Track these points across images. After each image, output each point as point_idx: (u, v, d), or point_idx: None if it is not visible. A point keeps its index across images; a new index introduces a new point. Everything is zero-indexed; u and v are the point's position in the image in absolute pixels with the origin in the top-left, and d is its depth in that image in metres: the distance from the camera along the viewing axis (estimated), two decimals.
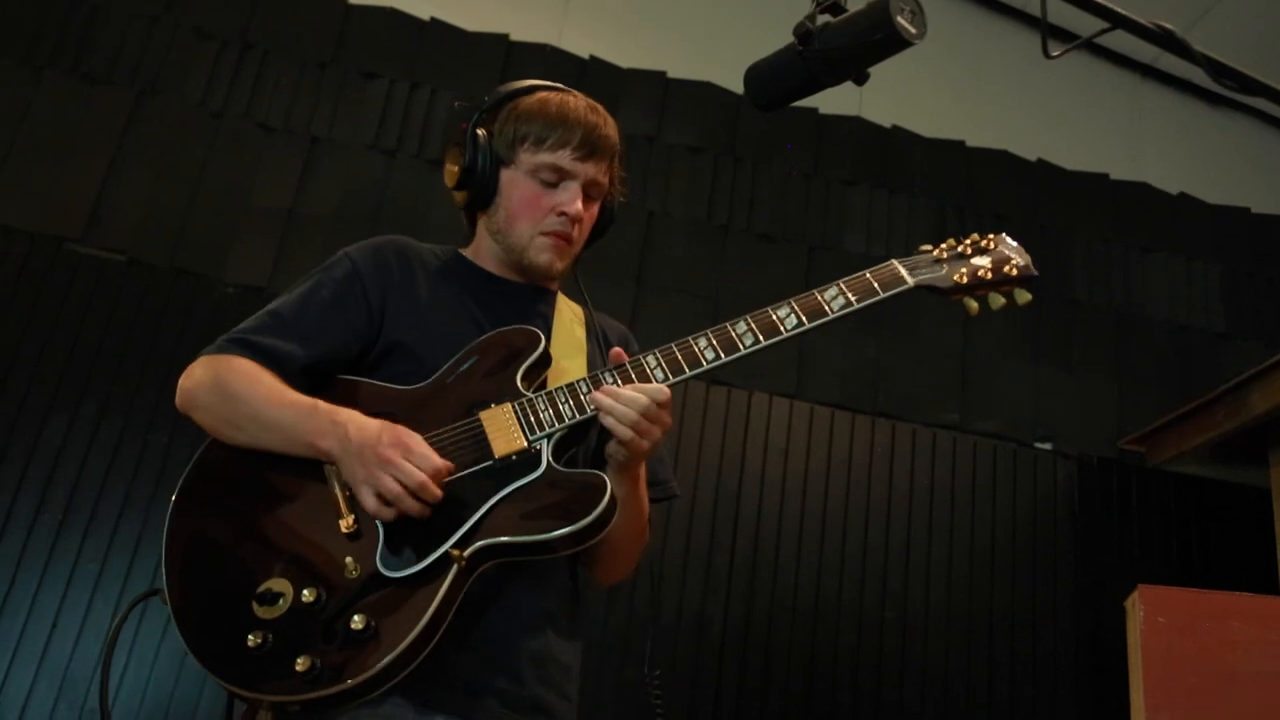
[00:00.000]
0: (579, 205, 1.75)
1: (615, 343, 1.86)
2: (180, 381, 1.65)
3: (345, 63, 4.15)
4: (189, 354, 3.57)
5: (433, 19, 4.29)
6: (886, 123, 4.66)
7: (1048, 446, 4.31)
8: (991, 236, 1.76)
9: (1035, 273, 1.71)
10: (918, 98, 4.68)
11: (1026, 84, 4.83)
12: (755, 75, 1.58)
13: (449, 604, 1.45)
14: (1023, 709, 3.88)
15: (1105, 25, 1.51)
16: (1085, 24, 1.50)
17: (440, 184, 4.09)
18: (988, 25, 5.01)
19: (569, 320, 1.86)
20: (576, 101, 1.80)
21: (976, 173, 4.69)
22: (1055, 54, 1.55)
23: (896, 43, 1.44)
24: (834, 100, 4.78)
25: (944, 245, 1.76)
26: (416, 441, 1.50)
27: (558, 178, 1.75)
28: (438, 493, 1.47)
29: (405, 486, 1.46)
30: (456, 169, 1.79)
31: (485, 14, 4.35)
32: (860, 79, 1.53)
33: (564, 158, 1.74)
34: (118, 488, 3.41)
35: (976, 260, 1.72)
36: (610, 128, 1.80)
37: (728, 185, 4.40)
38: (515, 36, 4.35)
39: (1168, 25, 1.47)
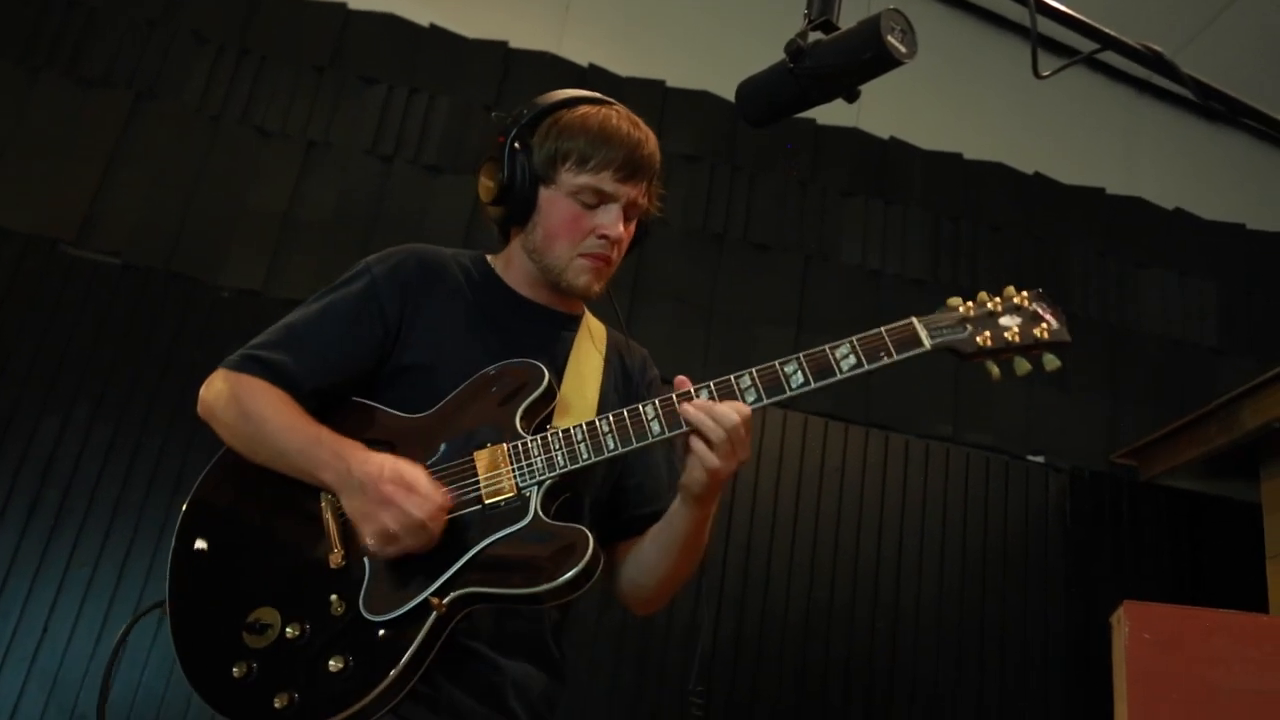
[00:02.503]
0: (620, 228, 1.72)
1: (635, 370, 1.86)
2: (201, 392, 1.66)
3: (343, 68, 4.16)
4: (184, 357, 3.62)
5: (432, 25, 4.30)
6: (884, 134, 4.67)
7: (1040, 459, 4.32)
8: (1026, 294, 1.64)
9: (1068, 338, 1.61)
10: (916, 109, 4.69)
11: (1024, 97, 4.84)
12: (747, 91, 1.58)
13: (426, 650, 1.46)
14: (1013, 719, 3.89)
15: (1095, 46, 1.52)
16: (1080, 39, 1.51)
17: (437, 191, 4.13)
18: (986, 38, 5.02)
19: (589, 348, 1.83)
20: (619, 118, 1.75)
21: (973, 185, 4.70)
22: (1045, 74, 1.55)
23: (886, 62, 1.43)
24: (832, 111, 4.75)
25: (973, 302, 1.62)
26: (419, 479, 1.50)
27: (598, 200, 1.71)
28: (436, 532, 1.48)
29: (404, 526, 1.46)
30: (493, 184, 1.73)
31: (485, 21, 4.36)
32: (851, 97, 1.53)
33: (606, 180, 1.70)
34: (110, 491, 3.41)
35: (1005, 320, 1.61)
36: (652, 145, 1.77)
37: (724, 194, 4.41)
38: (514, 44, 4.36)
39: (1156, 47, 1.47)
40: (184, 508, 1.62)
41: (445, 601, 1.46)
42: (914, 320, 1.57)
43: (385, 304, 1.69)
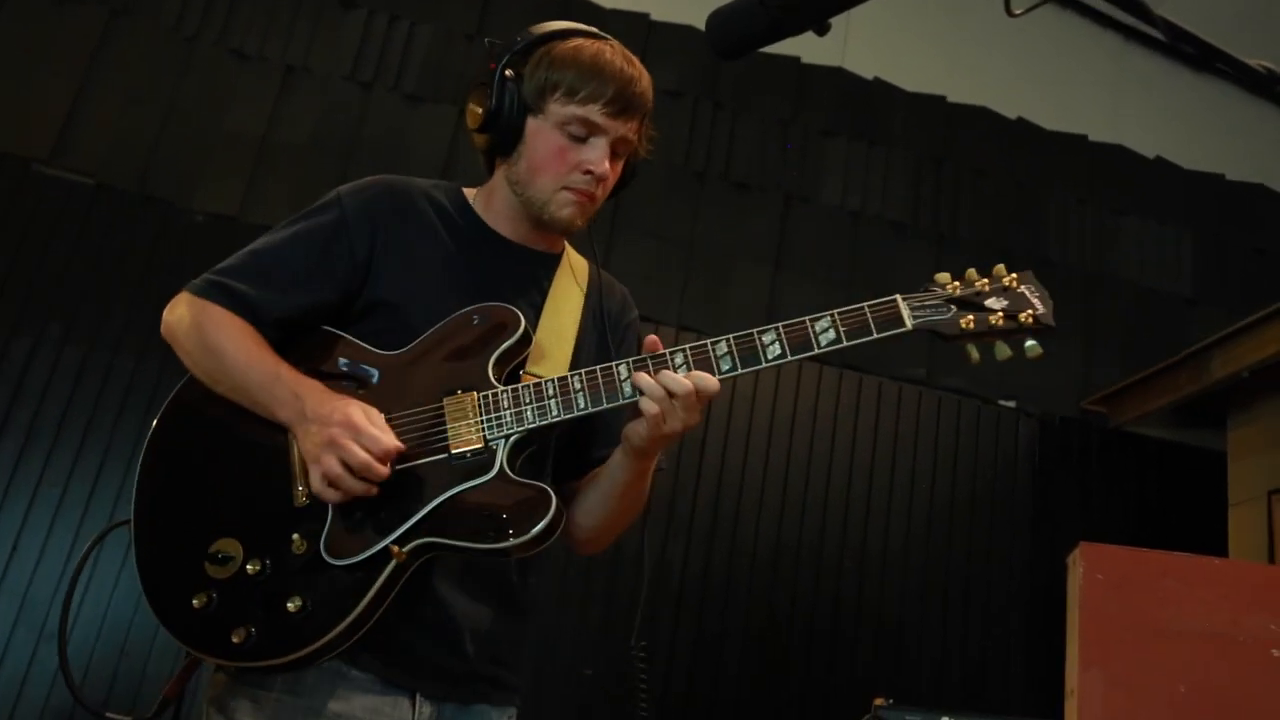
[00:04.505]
0: (606, 165, 1.67)
1: (613, 310, 1.82)
2: (164, 314, 1.63)
3: None
4: (156, 280, 3.61)
5: None
6: (869, 74, 4.63)
7: (1011, 404, 4.35)
8: (1016, 276, 1.57)
9: (1052, 324, 1.53)
10: (901, 51, 4.65)
11: (1010, 42, 4.81)
12: (716, 21, 1.55)
13: (384, 596, 1.46)
14: (974, 659, 3.96)
15: None
16: None
17: (417, 119, 4.07)
18: None
19: (569, 284, 1.80)
20: (613, 53, 1.68)
21: (956, 128, 4.68)
22: (1018, 12, 1.54)
23: None
24: (817, 50, 4.75)
25: (959, 281, 1.57)
26: (366, 421, 1.48)
27: (587, 132, 1.65)
28: (383, 472, 1.46)
29: (349, 468, 1.44)
30: (481, 111, 1.67)
31: None
32: (821, 29, 1.51)
33: (594, 112, 1.64)
34: (81, 412, 3.41)
35: (990, 301, 1.55)
36: (645, 83, 1.70)
37: (706, 131, 4.38)
38: None
39: None
40: (153, 425, 1.61)
41: (405, 550, 1.46)
42: (898, 298, 1.54)
43: (355, 237, 1.65)
